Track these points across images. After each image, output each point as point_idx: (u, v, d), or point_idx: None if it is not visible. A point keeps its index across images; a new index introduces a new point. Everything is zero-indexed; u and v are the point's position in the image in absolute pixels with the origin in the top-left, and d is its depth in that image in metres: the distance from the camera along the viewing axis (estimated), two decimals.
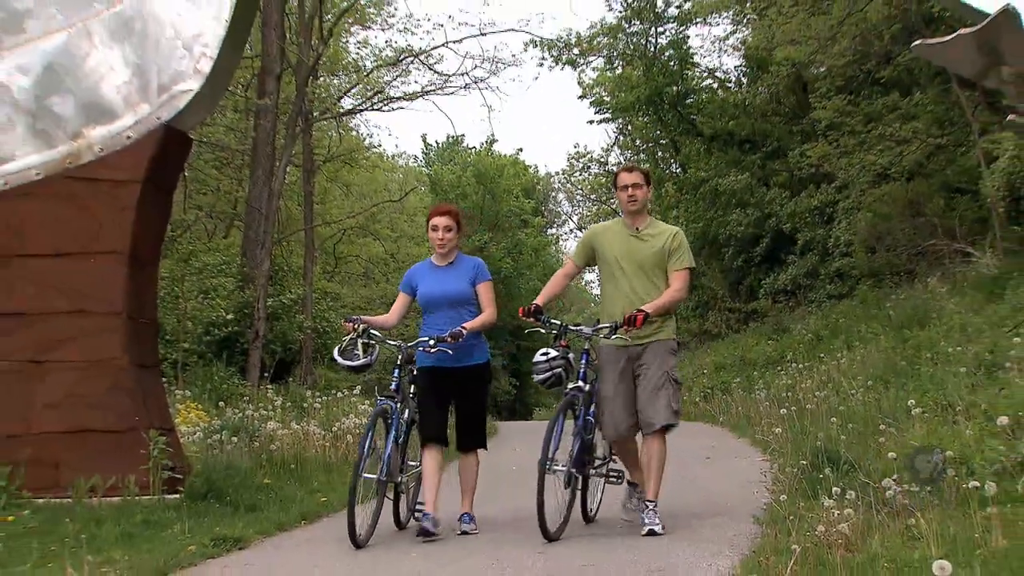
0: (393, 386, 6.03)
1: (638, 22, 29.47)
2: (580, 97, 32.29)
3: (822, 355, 15.80)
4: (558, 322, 6.08)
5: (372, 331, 6.08)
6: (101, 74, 7.47)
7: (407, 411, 6.14)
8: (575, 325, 6.13)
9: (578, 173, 42.06)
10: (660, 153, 32.85)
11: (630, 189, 6.08)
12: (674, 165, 32.09)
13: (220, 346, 16.75)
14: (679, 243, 6.08)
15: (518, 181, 45.32)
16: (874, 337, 14.80)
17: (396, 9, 24.63)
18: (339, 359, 6.09)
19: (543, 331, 6.05)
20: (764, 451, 9.89)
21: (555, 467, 5.64)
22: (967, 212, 17.36)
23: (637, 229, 6.13)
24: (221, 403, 12.39)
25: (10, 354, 7.33)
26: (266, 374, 16.73)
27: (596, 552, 5.40)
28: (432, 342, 5.92)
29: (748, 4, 25.21)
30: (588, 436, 6.01)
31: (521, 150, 73.77)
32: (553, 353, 5.92)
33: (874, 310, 17.04)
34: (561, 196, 50.12)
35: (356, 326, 6.05)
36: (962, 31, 6.07)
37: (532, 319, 6.01)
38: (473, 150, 45.34)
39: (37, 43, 7.46)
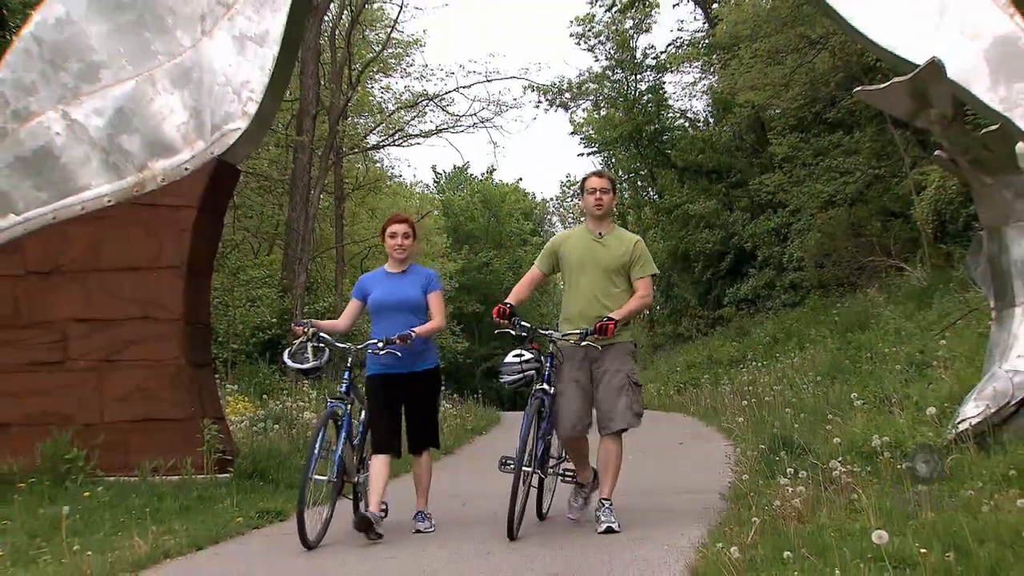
0: (343, 388, 5.33)
1: (620, 71, 29.72)
2: (571, 134, 32.60)
3: (778, 355, 15.81)
4: (528, 324, 5.38)
5: (322, 334, 5.33)
6: (163, 115, 7.50)
7: (363, 412, 5.46)
8: (544, 328, 5.45)
9: (569, 199, 42.27)
10: (639, 182, 33.02)
11: (598, 193, 5.47)
12: (651, 192, 32.19)
13: (264, 347, 16.72)
14: (641, 251, 5.45)
15: (518, 206, 45.45)
16: (822, 339, 14.80)
17: (414, 60, 24.62)
18: (289, 362, 5.30)
19: (512, 332, 5.35)
20: (729, 437, 9.86)
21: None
22: (900, 233, 17.40)
23: (600, 234, 5.48)
24: (264, 396, 12.41)
25: (87, 354, 7.36)
26: None
27: (578, 528, 5.37)
28: (381, 344, 5.22)
29: (714, 56, 25.30)
30: (548, 437, 5.39)
31: (521, 179, 73.86)
32: (527, 356, 5.28)
33: (822, 316, 17.03)
34: (555, 219, 50.25)
35: (306, 329, 5.31)
36: (896, 80, 6.10)
37: (506, 320, 5.31)
38: (476, 178, 45.42)
39: (109, 90, 7.50)
